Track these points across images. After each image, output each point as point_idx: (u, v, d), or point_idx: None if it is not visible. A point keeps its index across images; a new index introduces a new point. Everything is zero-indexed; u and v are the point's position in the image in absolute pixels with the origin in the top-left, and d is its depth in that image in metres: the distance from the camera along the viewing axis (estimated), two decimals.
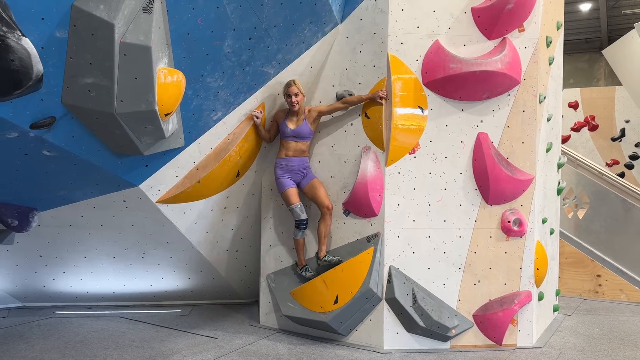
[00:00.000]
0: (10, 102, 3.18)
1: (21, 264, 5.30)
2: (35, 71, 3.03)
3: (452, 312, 4.64)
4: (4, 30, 2.82)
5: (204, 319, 5.52)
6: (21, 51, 2.92)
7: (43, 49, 3.09)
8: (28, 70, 2.99)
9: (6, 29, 2.83)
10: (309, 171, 4.85)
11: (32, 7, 2.97)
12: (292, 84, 4.69)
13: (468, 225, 4.68)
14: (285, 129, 4.76)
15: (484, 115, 4.67)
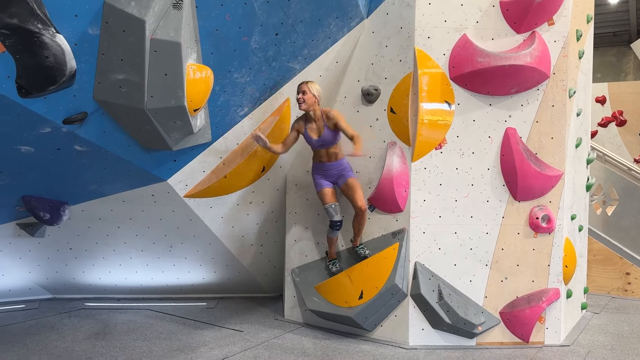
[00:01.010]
0: (44, 98, 3.24)
1: (52, 257, 5.42)
2: (69, 67, 3.09)
3: (479, 309, 4.61)
4: (39, 27, 2.88)
5: (230, 312, 5.58)
6: (55, 48, 2.98)
7: (76, 46, 3.15)
8: (62, 66, 3.05)
9: (41, 26, 2.88)
10: (346, 171, 4.68)
11: (66, 5, 3.02)
12: (302, 83, 4.51)
13: (495, 222, 4.63)
14: (311, 141, 4.61)
15: (513, 110, 4.61)
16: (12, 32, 2.83)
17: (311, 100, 4.45)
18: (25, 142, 3.64)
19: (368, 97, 4.79)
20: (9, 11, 2.76)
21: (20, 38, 2.87)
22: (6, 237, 5.12)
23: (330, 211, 4.69)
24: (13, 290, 5.67)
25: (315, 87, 4.50)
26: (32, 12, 2.82)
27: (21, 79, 3.04)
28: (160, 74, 3.40)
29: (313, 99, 4.46)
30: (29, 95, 3.13)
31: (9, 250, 5.28)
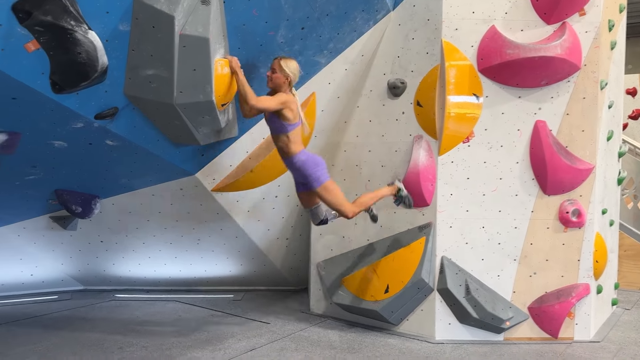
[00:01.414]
0: (76, 94, 3.31)
1: (83, 249, 5.55)
2: (101, 64, 3.16)
3: (507, 304, 4.56)
4: (72, 24, 2.94)
5: (256, 305, 5.64)
6: (88, 44, 3.04)
7: (107, 42, 3.20)
8: (94, 62, 3.12)
9: (74, 23, 2.95)
10: (309, 172, 3.98)
11: (98, 1, 3.07)
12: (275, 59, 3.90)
13: (524, 216, 4.57)
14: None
15: (542, 102, 4.53)
16: (46, 29, 2.90)
17: (279, 80, 3.85)
18: (59, 137, 3.72)
19: (394, 91, 4.76)
20: (43, 8, 2.83)
21: (54, 35, 2.94)
22: (40, 229, 5.26)
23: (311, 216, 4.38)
24: (46, 282, 5.83)
25: (291, 65, 3.88)
26: (65, 9, 2.88)
27: (55, 75, 3.12)
28: (189, 69, 3.44)
29: (282, 79, 3.86)
30: (62, 91, 3.21)
31: (42, 243, 5.42)
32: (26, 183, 4.32)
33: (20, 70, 2.99)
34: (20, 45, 2.90)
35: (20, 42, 2.90)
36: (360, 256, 4.96)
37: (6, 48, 2.86)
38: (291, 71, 3.89)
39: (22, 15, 2.81)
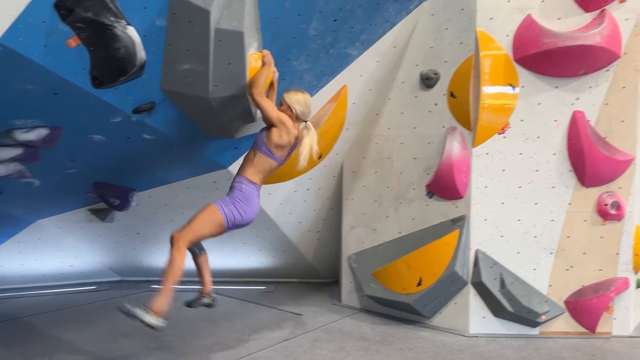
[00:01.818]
0: (115, 89, 3.38)
1: (121, 241, 5.68)
2: (139, 58, 3.21)
3: (543, 298, 4.49)
4: (112, 20, 3.00)
5: (288, 296, 5.69)
6: (126, 40, 3.10)
7: (144, 37, 3.25)
8: (132, 57, 3.17)
9: (113, 18, 3.00)
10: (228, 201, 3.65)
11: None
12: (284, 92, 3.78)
13: (561, 208, 4.49)
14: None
15: (580, 92, 4.42)
16: (87, 25, 2.97)
17: (285, 113, 3.72)
18: (98, 131, 3.82)
19: (427, 82, 4.72)
20: (84, 5, 2.89)
21: (94, 31, 3.01)
22: (78, 222, 5.41)
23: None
24: (85, 273, 5.99)
25: (293, 97, 3.75)
26: (105, 5, 2.94)
27: (94, 71, 3.20)
28: (224, 63, 3.47)
29: (288, 112, 3.72)
30: (102, 86, 3.28)
31: (81, 235, 5.57)
32: (66, 176, 4.44)
33: (61, 66, 3.07)
34: (62, 41, 2.98)
35: (62, 39, 2.98)
36: (392, 249, 4.95)
37: (49, 44, 2.94)
38: (293, 103, 3.69)
39: (64, 12, 2.88)
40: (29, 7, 2.72)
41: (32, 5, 2.73)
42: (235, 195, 3.61)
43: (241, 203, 3.60)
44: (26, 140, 3.67)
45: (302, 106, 3.73)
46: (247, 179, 3.66)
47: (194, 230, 3.51)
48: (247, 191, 3.63)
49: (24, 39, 2.81)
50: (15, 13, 2.68)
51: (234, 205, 3.57)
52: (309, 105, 3.77)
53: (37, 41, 2.88)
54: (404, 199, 4.91)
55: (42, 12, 2.80)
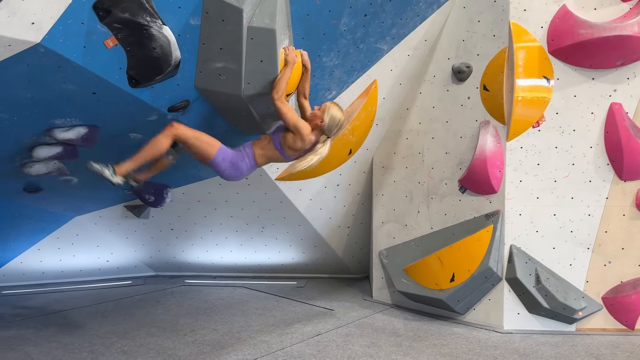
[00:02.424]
0: (151, 88, 3.44)
1: (155, 237, 5.80)
2: (174, 58, 3.26)
3: (579, 294, 4.41)
4: (148, 20, 3.05)
5: (319, 292, 5.72)
6: (162, 39, 3.15)
7: (179, 37, 3.30)
8: (168, 57, 3.23)
9: (149, 18, 3.06)
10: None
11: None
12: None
13: (598, 203, 4.39)
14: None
15: (618, 83, 4.31)
16: (124, 25, 3.02)
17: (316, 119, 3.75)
18: (134, 129, 3.89)
19: (459, 75, 4.67)
20: (121, 6, 2.95)
21: (131, 31, 3.06)
22: (115, 218, 5.55)
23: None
24: (121, 268, 6.14)
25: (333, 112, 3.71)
26: (141, 5, 3.00)
27: (131, 70, 3.26)
28: (256, 60, 3.50)
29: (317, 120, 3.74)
30: (138, 85, 3.34)
31: (117, 231, 5.71)
32: None
33: (100, 66, 3.13)
34: (100, 42, 3.05)
35: (100, 39, 3.04)
36: (423, 244, 4.93)
37: (88, 45, 3.01)
38: (327, 115, 3.68)
39: (102, 13, 2.94)
40: (69, 9, 2.78)
41: (72, 7, 2.79)
42: (235, 158, 3.74)
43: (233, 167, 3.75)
44: (65, 138, 3.76)
45: (332, 123, 3.72)
46: (253, 155, 3.79)
47: (191, 136, 3.60)
48: (242, 164, 3.76)
49: (64, 40, 2.88)
50: (56, 15, 2.75)
51: (228, 162, 3.72)
52: (339, 125, 3.77)
53: (76, 42, 2.95)
54: (435, 194, 4.88)
55: (81, 13, 2.86)
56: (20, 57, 2.85)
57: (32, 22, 2.68)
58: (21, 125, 3.57)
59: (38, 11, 2.67)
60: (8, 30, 2.62)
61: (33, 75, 3.06)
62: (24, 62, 2.90)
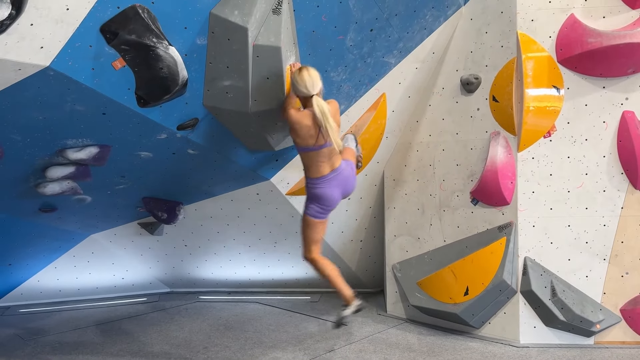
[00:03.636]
0: (160, 107, 3.50)
1: (169, 253, 5.84)
2: (181, 77, 3.31)
3: (597, 306, 4.32)
4: (154, 41, 3.11)
5: (333, 306, 5.67)
6: (169, 60, 3.21)
7: (186, 56, 3.36)
8: (175, 76, 3.28)
9: (156, 40, 3.12)
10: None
11: (176, 18, 3.23)
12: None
13: (613, 213, 4.31)
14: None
15: (630, 91, 4.26)
16: (131, 47, 3.09)
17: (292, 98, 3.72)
18: (145, 148, 3.95)
19: (468, 87, 4.65)
20: (128, 28, 3.01)
21: (138, 52, 3.13)
22: (129, 235, 5.60)
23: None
24: (136, 285, 6.19)
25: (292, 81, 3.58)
26: (147, 27, 3.06)
27: (140, 90, 3.32)
28: (263, 77, 3.54)
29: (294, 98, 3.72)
30: (147, 104, 3.40)
31: (131, 248, 5.77)
32: (116, 192, 4.61)
33: (108, 87, 3.20)
34: (108, 63, 3.12)
35: (108, 61, 3.11)
36: (437, 258, 4.88)
37: (96, 67, 3.08)
38: (293, 86, 3.51)
39: (109, 35, 3.01)
40: (77, 33, 2.85)
41: (80, 31, 2.86)
42: (306, 196, 3.92)
43: (309, 201, 3.89)
44: (77, 159, 3.84)
45: (299, 84, 3.48)
46: (307, 178, 3.85)
47: (305, 241, 3.95)
48: (311, 189, 3.85)
49: (73, 62, 2.95)
50: (64, 39, 2.82)
51: (307, 205, 3.91)
52: (305, 78, 3.46)
53: (85, 64, 3.02)
54: (447, 207, 4.84)
55: (89, 36, 2.93)
56: (30, 81, 2.93)
57: (41, 46, 2.75)
58: (34, 147, 3.66)
59: (47, 35, 2.74)
60: (18, 55, 2.70)
61: (44, 98, 3.14)
62: (35, 85, 2.98)
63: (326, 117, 3.48)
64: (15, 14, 2.46)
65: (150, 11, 3.05)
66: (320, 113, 3.47)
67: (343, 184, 3.84)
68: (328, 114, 3.49)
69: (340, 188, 3.84)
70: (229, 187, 4.86)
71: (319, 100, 3.51)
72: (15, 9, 2.45)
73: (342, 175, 3.81)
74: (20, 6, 2.46)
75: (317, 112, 3.48)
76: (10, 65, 2.72)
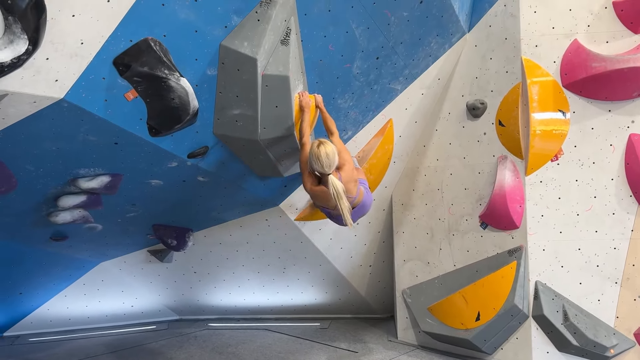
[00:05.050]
0: (171, 136, 3.56)
1: (179, 280, 5.85)
2: (192, 107, 3.38)
3: (610, 330, 4.27)
4: (166, 73, 3.19)
5: (343, 333, 5.64)
6: (180, 90, 3.28)
7: (197, 87, 3.42)
8: (186, 106, 3.35)
9: (167, 71, 3.19)
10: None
11: (187, 50, 3.30)
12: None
13: (624, 236, 4.29)
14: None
15: (635, 114, 4.28)
16: (143, 79, 3.16)
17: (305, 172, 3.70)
18: (155, 176, 4.00)
19: (474, 112, 4.69)
20: (140, 60, 3.09)
21: (150, 84, 3.20)
22: (139, 263, 5.62)
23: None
24: (145, 312, 6.18)
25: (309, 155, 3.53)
26: (160, 59, 3.13)
27: (151, 120, 3.38)
28: (272, 106, 3.60)
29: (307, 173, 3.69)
30: (159, 134, 3.47)
31: (141, 276, 5.78)
32: (127, 220, 4.65)
33: (121, 118, 3.27)
34: (120, 95, 3.18)
35: (120, 92, 3.18)
36: (447, 282, 4.85)
37: (109, 99, 3.14)
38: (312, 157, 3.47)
39: (122, 68, 3.08)
40: (90, 66, 2.92)
41: (93, 64, 2.93)
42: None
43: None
44: (89, 188, 3.89)
45: (316, 164, 3.46)
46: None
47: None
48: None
49: (87, 94, 3.01)
50: (78, 72, 2.89)
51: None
52: (323, 159, 3.44)
53: (98, 96, 3.08)
54: (456, 231, 4.84)
55: (102, 69, 3.00)
56: (45, 112, 3.00)
57: (56, 79, 2.82)
58: (47, 177, 3.71)
59: (61, 69, 2.81)
60: (34, 88, 2.77)
61: (57, 129, 3.20)
62: (49, 116, 3.05)
63: (340, 196, 3.47)
64: (32, 49, 2.53)
65: (162, 44, 3.13)
66: (335, 194, 3.47)
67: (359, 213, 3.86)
68: (342, 194, 3.48)
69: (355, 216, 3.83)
70: (238, 214, 4.89)
71: (334, 181, 3.48)
72: (32, 45, 2.52)
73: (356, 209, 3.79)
74: (36, 42, 2.54)
75: (332, 192, 3.47)
76: (25, 98, 2.79)
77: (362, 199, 3.76)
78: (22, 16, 2.43)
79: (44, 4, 2.53)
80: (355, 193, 3.66)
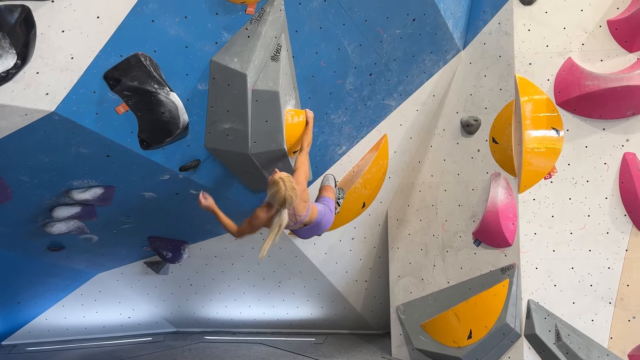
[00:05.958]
0: (162, 149, 3.61)
1: (175, 293, 5.87)
2: (182, 121, 3.44)
3: (604, 351, 4.21)
4: (156, 88, 3.25)
5: (338, 349, 5.61)
6: (170, 104, 3.34)
7: (188, 101, 3.48)
8: (176, 120, 3.41)
9: (157, 86, 3.25)
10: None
11: (178, 65, 3.37)
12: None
13: (618, 255, 4.25)
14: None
15: (630, 133, 4.26)
16: (133, 93, 3.23)
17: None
18: (148, 188, 4.05)
19: (468, 129, 4.70)
20: (130, 75, 3.16)
21: (140, 98, 3.27)
22: (135, 274, 5.66)
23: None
24: (142, 324, 6.20)
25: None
26: (149, 74, 3.20)
27: (142, 134, 3.44)
28: (262, 120, 3.64)
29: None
30: (150, 147, 3.52)
31: (138, 287, 5.81)
32: (122, 232, 4.70)
33: (112, 131, 3.33)
34: (111, 108, 3.25)
35: (111, 106, 3.25)
36: (440, 299, 4.83)
37: (100, 112, 3.21)
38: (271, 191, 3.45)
39: (112, 82, 3.15)
40: (81, 80, 3.00)
41: (84, 78, 3.01)
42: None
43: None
44: (83, 199, 3.95)
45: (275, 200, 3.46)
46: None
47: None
48: None
49: (78, 107, 3.08)
50: (69, 86, 2.96)
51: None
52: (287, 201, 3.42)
53: (89, 109, 3.15)
54: (450, 247, 4.82)
55: (92, 83, 3.07)
56: (37, 125, 3.07)
57: (47, 93, 2.89)
58: (41, 188, 3.78)
59: (52, 82, 2.88)
60: (24, 101, 2.84)
61: (50, 141, 3.27)
62: (41, 129, 3.12)
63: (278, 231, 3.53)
64: (20, 64, 2.60)
65: (152, 59, 3.20)
66: (277, 227, 3.52)
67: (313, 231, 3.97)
68: (280, 230, 3.54)
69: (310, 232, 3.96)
70: None
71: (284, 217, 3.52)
72: (21, 59, 2.59)
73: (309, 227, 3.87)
74: (25, 56, 2.61)
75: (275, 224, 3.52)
76: (16, 110, 2.86)
77: (316, 218, 3.80)
78: (11, 31, 2.50)
79: (33, 20, 2.61)
80: (304, 212, 3.68)
